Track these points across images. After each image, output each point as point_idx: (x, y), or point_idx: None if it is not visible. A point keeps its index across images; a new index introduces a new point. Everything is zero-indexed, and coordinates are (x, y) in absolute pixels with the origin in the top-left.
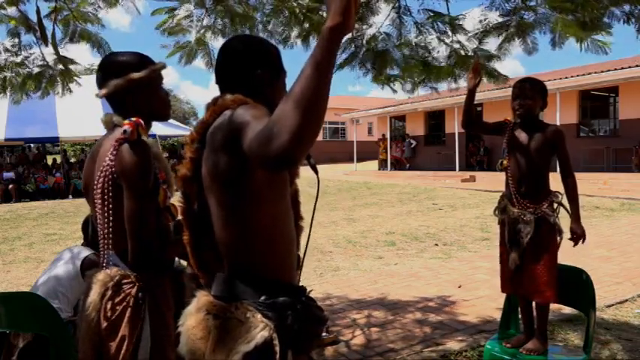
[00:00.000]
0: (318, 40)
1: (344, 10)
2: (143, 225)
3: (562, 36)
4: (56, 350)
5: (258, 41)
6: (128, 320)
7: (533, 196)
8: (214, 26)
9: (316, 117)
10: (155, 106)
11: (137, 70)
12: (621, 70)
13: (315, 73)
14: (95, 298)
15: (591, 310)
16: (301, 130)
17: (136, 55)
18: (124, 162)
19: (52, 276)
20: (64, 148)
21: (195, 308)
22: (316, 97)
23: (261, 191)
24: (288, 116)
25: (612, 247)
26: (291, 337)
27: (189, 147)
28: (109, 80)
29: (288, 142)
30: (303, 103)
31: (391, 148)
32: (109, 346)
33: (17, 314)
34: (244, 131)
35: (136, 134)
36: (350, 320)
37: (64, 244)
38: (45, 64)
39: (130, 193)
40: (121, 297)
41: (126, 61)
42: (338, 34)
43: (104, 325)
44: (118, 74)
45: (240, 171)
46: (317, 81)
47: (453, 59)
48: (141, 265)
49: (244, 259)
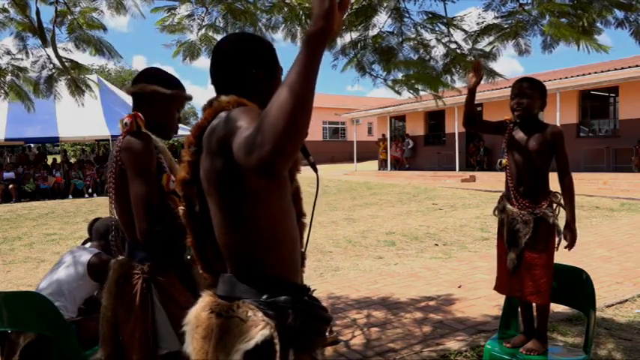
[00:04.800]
0: (301, 46)
1: (326, 13)
2: (147, 207)
3: (554, 39)
4: (58, 349)
5: (250, 40)
6: (139, 306)
7: (532, 195)
8: (215, 24)
9: (300, 125)
10: (164, 122)
11: (165, 86)
12: (621, 70)
13: (298, 80)
14: (111, 284)
15: (591, 310)
16: (283, 140)
17: (173, 77)
18: (125, 149)
19: (56, 277)
20: (64, 148)
21: (200, 307)
22: (300, 105)
23: (260, 191)
24: (270, 125)
25: (612, 247)
26: (292, 335)
27: (186, 151)
28: (140, 82)
29: (269, 152)
30: (286, 112)
31: (391, 148)
32: (125, 329)
33: (19, 313)
34: (235, 136)
35: (135, 125)
36: (350, 320)
37: (64, 244)
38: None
39: (132, 177)
40: (130, 285)
41: (160, 76)
42: (321, 39)
43: (120, 310)
44: (148, 81)
45: (236, 173)
46: (300, 89)
47: (449, 58)
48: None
49: (246, 260)
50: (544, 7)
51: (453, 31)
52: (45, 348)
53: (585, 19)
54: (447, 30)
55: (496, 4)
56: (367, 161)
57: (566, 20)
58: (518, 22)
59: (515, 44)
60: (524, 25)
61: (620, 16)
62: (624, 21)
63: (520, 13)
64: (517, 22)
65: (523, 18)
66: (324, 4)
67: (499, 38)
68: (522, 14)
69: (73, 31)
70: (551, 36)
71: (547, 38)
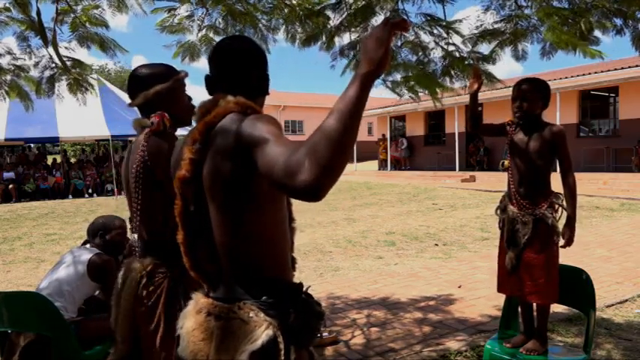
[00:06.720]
0: (351, 82)
1: (381, 60)
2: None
3: (553, 45)
4: (58, 350)
5: (251, 42)
6: (162, 307)
7: (532, 196)
8: (215, 25)
9: (346, 155)
10: (179, 113)
11: (163, 81)
12: (621, 70)
13: (348, 113)
14: (133, 285)
15: (591, 310)
16: (332, 168)
17: (161, 66)
18: (154, 151)
19: (56, 277)
20: (64, 148)
21: (194, 310)
22: (349, 136)
23: (263, 197)
24: (320, 152)
25: (612, 247)
26: (293, 333)
27: (189, 148)
28: (139, 92)
29: (318, 178)
30: (336, 141)
31: (391, 148)
32: (146, 330)
33: (19, 313)
34: (261, 148)
35: (162, 125)
36: (350, 320)
37: (64, 244)
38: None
39: (163, 178)
40: (154, 285)
41: (153, 73)
42: (371, 80)
43: (141, 310)
44: (146, 87)
45: (244, 178)
46: (350, 122)
47: (448, 60)
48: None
49: (245, 261)
50: (543, 11)
51: (452, 33)
52: (45, 348)
53: (582, 24)
54: (445, 33)
55: (495, 6)
56: (367, 161)
57: (566, 27)
58: (517, 30)
59: (512, 49)
60: (524, 32)
61: (619, 24)
62: (623, 27)
63: (519, 16)
64: (516, 29)
65: (522, 24)
66: (380, 50)
67: (498, 44)
68: (521, 19)
69: (76, 29)
70: (550, 43)
71: (546, 45)
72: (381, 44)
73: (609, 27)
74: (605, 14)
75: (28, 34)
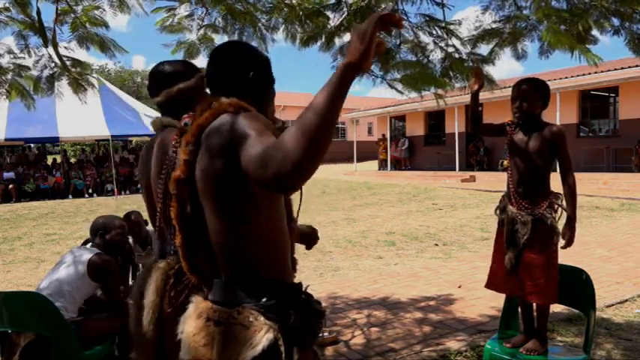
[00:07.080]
0: (333, 74)
1: (365, 50)
2: None
3: (551, 45)
4: (58, 350)
5: (250, 46)
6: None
7: (531, 196)
8: (215, 24)
9: (321, 149)
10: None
11: (185, 79)
12: (621, 70)
13: (325, 105)
14: (159, 284)
15: (591, 310)
16: (303, 161)
17: (183, 64)
18: None
19: (56, 277)
20: (64, 148)
21: (194, 314)
22: (324, 129)
23: (260, 195)
24: (292, 144)
25: (612, 247)
26: (295, 334)
27: (183, 149)
28: (161, 90)
29: (287, 171)
30: (310, 134)
31: (391, 148)
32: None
33: (19, 313)
34: (244, 143)
35: None
36: (350, 320)
37: (64, 244)
38: (56, 66)
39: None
40: (183, 284)
41: (175, 71)
42: (354, 70)
43: (168, 309)
44: (169, 84)
45: (236, 177)
46: (326, 112)
47: (447, 61)
48: None
49: (243, 262)
50: (542, 12)
51: (451, 35)
52: (45, 348)
53: (581, 25)
54: (444, 34)
55: (494, 6)
56: (367, 161)
57: (564, 27)
58: (516, 30)
59: (512, 49)
60: (523, 32)
61: (616, 24)
62: (620, 28)
63: (518, 17)
64: (515, 29)
65: (521, 25)
66: (364, 41)
67: (497, 45)
68: (520, 20)
69: (76, 29)
70: (548, 42)
71: (544, 44)
72: (364, 37)
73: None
74: (603, 14)
75: (26, 33)
